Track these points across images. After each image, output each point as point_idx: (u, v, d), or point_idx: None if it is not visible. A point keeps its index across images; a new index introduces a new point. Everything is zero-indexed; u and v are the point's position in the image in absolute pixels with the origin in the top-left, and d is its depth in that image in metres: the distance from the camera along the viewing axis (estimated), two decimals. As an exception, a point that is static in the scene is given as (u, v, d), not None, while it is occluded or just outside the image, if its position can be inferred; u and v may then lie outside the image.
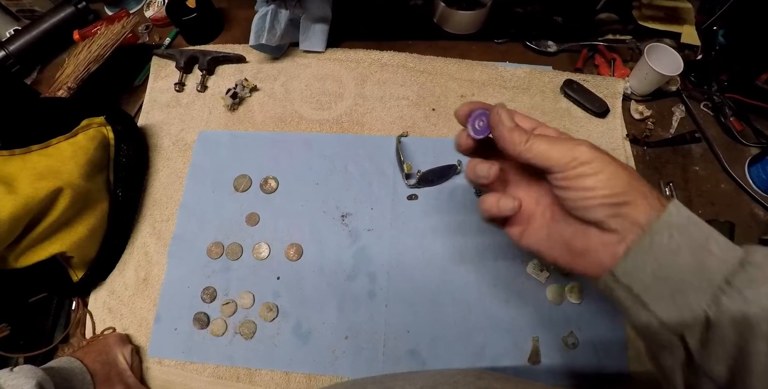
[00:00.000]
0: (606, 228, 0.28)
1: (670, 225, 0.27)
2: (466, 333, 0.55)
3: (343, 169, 0.65)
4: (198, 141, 0.69)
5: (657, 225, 0.27)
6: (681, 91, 0.67)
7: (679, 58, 0.62)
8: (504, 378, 0.35)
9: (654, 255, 0.27)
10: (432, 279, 0.58)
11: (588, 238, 0.30)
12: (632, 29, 0.70)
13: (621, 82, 0.67)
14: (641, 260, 0.27)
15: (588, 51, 0.71)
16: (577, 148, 0.29)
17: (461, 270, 0.58)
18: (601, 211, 0.28)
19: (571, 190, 0.29)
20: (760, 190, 0.61)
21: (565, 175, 0.29)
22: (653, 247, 0.27)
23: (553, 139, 0.30)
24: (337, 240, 0.61)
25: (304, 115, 0.70)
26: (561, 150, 0.29)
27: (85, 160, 0.58)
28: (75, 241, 0.57)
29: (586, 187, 0.28)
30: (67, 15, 0.79)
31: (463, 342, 0.55)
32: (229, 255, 0.62)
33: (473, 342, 0.55)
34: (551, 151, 0.29)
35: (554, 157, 0.29)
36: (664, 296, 0.27)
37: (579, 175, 0.28)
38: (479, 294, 0.57)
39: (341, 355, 0.56)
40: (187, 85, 0.74)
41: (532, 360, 0.54)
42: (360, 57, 0.73)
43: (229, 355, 0.57)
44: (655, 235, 0.27)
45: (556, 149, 0.29)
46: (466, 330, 0.56)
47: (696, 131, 0.63)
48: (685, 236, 0.27)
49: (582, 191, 0.28)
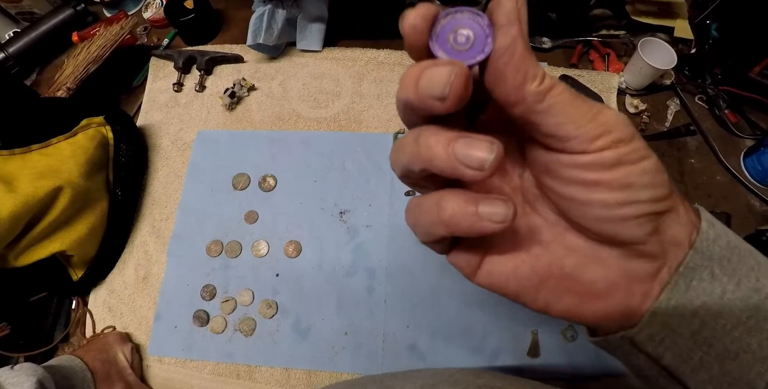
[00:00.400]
0: (639, 253, 0.19)
1: (710, 256, 0.19)
2: (465, 328, 0.55)
3: (341, 166, 0.66)
4: (197, 140, 0.70)
5: (694, 259, 0.19)
6: (675, 85, 0.68)
7: (673, 52, 0.62)
8: (503, 376, 0.34)
9: (692, 307, 0.19)
10: (431, 275, 0.58)
11: (609, 273, 0.19)
12: (626, 24, 0.71)
13: (616, 76, 0.68)
14: (675, 317, 0.19)
15: (582, 47, 0.71)
16: (604, 112, 0.17)
17: (460, 265, 0.58)
18: (639, 226, 0.18)
19: (593, 187, 0.17)
20: (756, 181, 0.61)
21: (598, 159, 0.17)
22: (689, 295, 0.19)
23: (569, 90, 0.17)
24: (335, 236, 0.61)
25: (302, 114, 0.70)
26: (583, 108, 0.17)
27: (85, 159, 0.58)
28: (75, 240, 0.57)
29: (622, 182, 0.17)
30: (66, 17, 0.80)
31: (463, 336, 0.55)
32: (228, 253, 0.62)
33: (473, 336, 0.55)
34: (576, 102, 0.17)
35: (577, 113, 0.16)
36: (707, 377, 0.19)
37: (611, 162, 0.17)
38: (478, 288, 0.57)
39: (341, 351, 0.56)
40: (185, 85, 0.75)
41: (532, 354, 0.54)
42: (356, 56, 0.74)
43: (229, 352, 0.57)
44: (692, 273, 0.19)
45: (581, 100, 0.17)
46: (465, 324, 0.56)
47: (691, 124, 0.63)
48: (727, 271, 0.19)
49: (613, 191, 0.17)
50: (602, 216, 0.18)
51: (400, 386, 0.32)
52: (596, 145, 0.17)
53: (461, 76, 0.15)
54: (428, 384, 0.31)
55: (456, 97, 0.15)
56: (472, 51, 0.16)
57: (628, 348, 0.20)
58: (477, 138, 0.16)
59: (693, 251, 0.18)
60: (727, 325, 0.18)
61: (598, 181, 0.17)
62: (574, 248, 0.20)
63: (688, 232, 0.19)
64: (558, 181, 0.19)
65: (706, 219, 0.19)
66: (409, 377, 0.34)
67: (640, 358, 0.20)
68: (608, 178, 0.17)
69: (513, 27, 0.16)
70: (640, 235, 0.18)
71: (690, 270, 0.18)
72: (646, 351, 0.20)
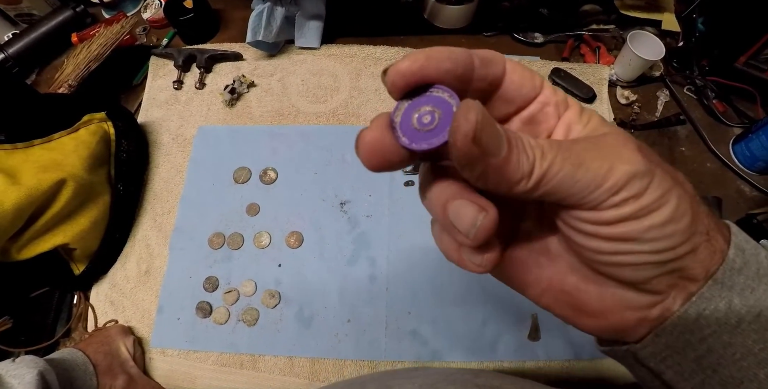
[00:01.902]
0: (644, 290, 0.18)
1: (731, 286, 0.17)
2: (466, 313, 0.56)
3: (340, 158, 0.67)
4: (197, 136, 0.71)
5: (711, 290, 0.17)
6: (664, 76, 0.70)
7: (661, 44, 0.65)
8: (502, 375, 0.34)
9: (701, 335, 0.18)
10: (431, 262, 0.59)
11: (605, 298, 0.19)
12: (615, 18, 0.73)
13: (606, 68, 0.70)
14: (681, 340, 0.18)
15: (573, 41, 0.73)
16: (616, 170, 0.15)
17: (459, 253, 0.59)
18: (648, 271, 0.17)
19: (602, 240, 0.17)
20: (745, 167, 0.63)
21: (597, 217, 0.16)
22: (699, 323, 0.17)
23: (577, 147, 0.16)
24: (336, 226, 0.62)
25: (301, 109, 0.72)
26: (592, 169, 0.15)
27: (88, 153, 0.59)
28: (78, 233, 0.58)
29: (622, 236, 0.16)
30: (65, 18, 0.81)
31: (464, 321, 0.56)
32: (230, 245, 0.63)
33: (473, 321, 0.56)
34: (577, 175, 0.15)
35: (580, 185, 0.16)
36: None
37: (622, 218, 0.16)
38: (478, 275, 0.58)
39: (344, 338, 0.56)
40: (185, 83, 0.76)
41: (532, 337, 0.55)
42: (354, 52, 0.75)
43: (232, 342, 0.57)
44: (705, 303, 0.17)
45: (584, 169, 0.15)
46: (466, 309, 0.56)
47: (680, 114, 0.65)
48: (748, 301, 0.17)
49: (623, 242, 0.16)
50: (597, 259, 0.17)
51: (399, 385, 0.32)
52: (602, 206, 0.16)
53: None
54: (427, 384, 0.31)
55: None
56: (436, 134, 0.15)
57: (632, 361, 0.20)
58: (468, 204, 0.16)
59: (712, 281, 0.17)
60: (736, 354, 0.17)
61: (596, 233, 0.16)
62: (576, 269, 0.19)
63: (705, 267, 0.17)
64: (555, 217, 0.18)
65: (736, 244, 0.17)
66: (408, 376, 0.34)
67: (642, 371, 0.20)
68: (606, 232, 0.16)
69: (474, 150, 0.14)
70: (640, 280, 0.17)
71: (704, 299, 0.17)
72: (648, 366, 0.19)
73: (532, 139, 0.16)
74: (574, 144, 0.16)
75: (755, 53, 0.63)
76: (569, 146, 0.16)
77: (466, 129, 0.14)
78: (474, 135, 0.14)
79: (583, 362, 0.54)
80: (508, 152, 0.15)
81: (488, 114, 0.14)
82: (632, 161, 0.16)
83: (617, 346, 0.20)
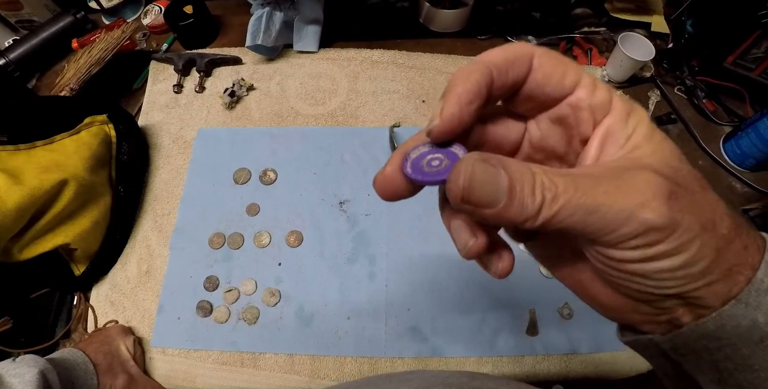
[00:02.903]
0: (654, 306, 0.18)
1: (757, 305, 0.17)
2: (465, 309, 0.57)
3: (339, 158, 0.68)
4: (197, 138, 0.72)
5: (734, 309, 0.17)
6: (655, 77, 0.71)
7: (651, 45, 0.66)
8: (498, 378, 0.35)
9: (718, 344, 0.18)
10: (430, 259, 0.60)
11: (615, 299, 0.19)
12: (606, 21, 0.75)
13: (598, 70, 0.71)
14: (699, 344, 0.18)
15: (566, 43, 0.75)
16: (637, 216, 0.15)
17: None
18: (654, 296, 0.17)
19: (611, 268, 0.17)
20: (735, 164, 0.65)
21: (607, 252, 0.16)
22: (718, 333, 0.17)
23: (597, 191, 0.15)
24: (336, 225, 0.63)
25: (300, 111, 0.73)
26: (608, 215, 0.15)
27: (89, 154, 0.60)
28: (79, 233, 0.58)
29: (639, 273, 0.16)
30: (66, 24, 0.82)
31: (463, 317, 0.56)
32: (230, 244, 0.63)
33: (472, 316, 0.56)
34: (589, 220, 0.15)
35: (592, 229, 0.15)
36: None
37: (631, 259, 0.16)
38: (476, 270, 0.59)
39: (344, 335, 0.56)
40: (185, 86, 0.77)
41: (530, 332, 0.55)
42: (351, 55, 0.77)
43: (232, 341, 0.57)
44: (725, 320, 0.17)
45: (600, 215, 0.15)
46: (465, 305, 0.57)
47: (672, 113, 0.67)
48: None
49: (631, 275, 0.17)
50: (605, 277, 0.18)
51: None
52: (614, 245, 0.16)
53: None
54: (422, 387, 0.31)
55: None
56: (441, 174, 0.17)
57: (654, 351, 0.20)
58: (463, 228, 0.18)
59: (735, 301, 0.16)
60: (754, 365, 0.17)
61: (606, 263, 0.17)
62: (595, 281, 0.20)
63: (720, 297, 0.17)
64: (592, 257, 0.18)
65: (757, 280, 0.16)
66: (404, 379, 0.35)
67: (661, 360, 0.20)
68: (616, 264, 0.17)
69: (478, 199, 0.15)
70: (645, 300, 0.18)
71: (724, 316, 0.17)
72: (668, 356, 0.20)
73: (546, 178, 0.15)
74: (596, 185, 0.15)
75: (743, 53, 0.65)
76: (588, 190, 0.15)
77: (455, 192, 0.15)
78: (462, 196, 0.15)
79: (581, 356, 0.55)
80: (508, 201, 0.15)
81: (486, 168, 0.15)
82: (656, 212, 0.15)
83: (640, 337, 0.20)
